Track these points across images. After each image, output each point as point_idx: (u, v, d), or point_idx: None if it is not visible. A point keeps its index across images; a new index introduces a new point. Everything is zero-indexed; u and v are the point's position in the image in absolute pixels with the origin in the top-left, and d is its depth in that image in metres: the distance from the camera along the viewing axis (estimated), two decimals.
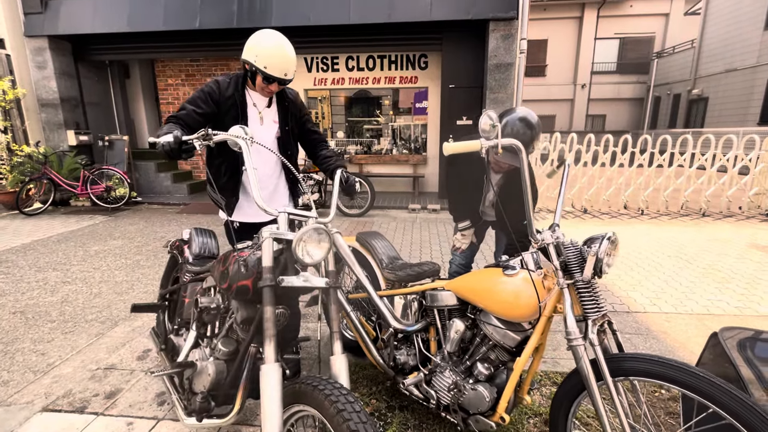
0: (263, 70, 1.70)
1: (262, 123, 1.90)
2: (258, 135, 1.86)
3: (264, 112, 1.91)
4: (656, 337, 2.42)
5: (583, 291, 1.26)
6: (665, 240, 4.50)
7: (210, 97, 1.77)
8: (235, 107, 1.82)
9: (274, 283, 1.22)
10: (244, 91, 1.84)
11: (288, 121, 1.96)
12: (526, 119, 1.70)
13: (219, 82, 1.80)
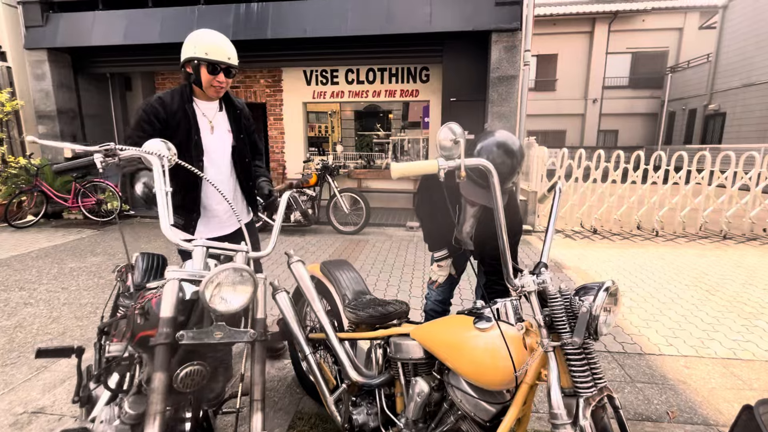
0: (205, 57, 1.61)
1: (212, 132, 1.82)
2: (211, 145, 1.80)
3: (214, 120, 1.83)
4: (674, 388, 2.07)
5: (573, 357, 0.96)
6: (682, 265, 4.11)
7: (156, 117, 1.68)
8: (185, 119, 1.73)
9: (168, 341, 0.95)
10: (191, 102, 1.75)
11: (241, 129, 1.89)
12: (505, 145, 1.36)
13: (162, 98, 1.71)
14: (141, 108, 1.69)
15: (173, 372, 1.06)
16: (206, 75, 1.65)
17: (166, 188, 1.13)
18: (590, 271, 3.95)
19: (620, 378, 2.16)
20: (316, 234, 5.52)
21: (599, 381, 0.96)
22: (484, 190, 1.36)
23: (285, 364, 2.28)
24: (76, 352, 1.56)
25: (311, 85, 7.06)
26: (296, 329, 1.69)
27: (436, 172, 0.96)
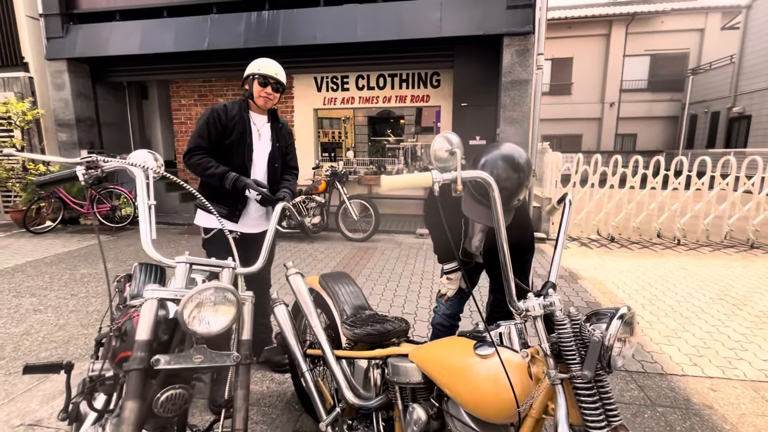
0: (258, 71, 2.02)
1: (260, 138, 2.15)
2: (257, 148, 2.14)
3: (262, 130, 2.17)
4: (699, 414, 1.92)
5: (583, 392, 0.86)
6: (707, 277, 3.90)
7: (218, 122, 2.04)
8: (241, 124, 2.08)
9: (142, 366, 0.89)
10: (247, 112, 2.13)
11: (279, 140, 2.21)
12: (511, 158, 1.25)
13: (225, 105, 2.09)
14: (207, 113, 2.04)
15: (153, 396, 1.00)
16: (257, 87, 2.04)
17: (150, 201, 1.08)
18: (607, 283, 3.78)
19: (639, 401, 2.02)
20: (324, 241, 5.47)
21: (613, 419, 0.86)
22: (485, 208, 1.26)
23: (285, 378, 2.22)
24: (64, 368, 1.52)
25: (322, 92, 7.07)
26: (293, 344, 1.63)
27: (429, 186, 0.88)
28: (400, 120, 8.40)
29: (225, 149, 2.06)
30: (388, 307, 3.18)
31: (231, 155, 2.07)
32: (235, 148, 2.07)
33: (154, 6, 6.14)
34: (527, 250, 1.63)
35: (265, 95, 2.05)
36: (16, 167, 6.45)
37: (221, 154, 2.08)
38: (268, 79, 2.03)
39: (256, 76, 2.02)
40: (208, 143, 2.04)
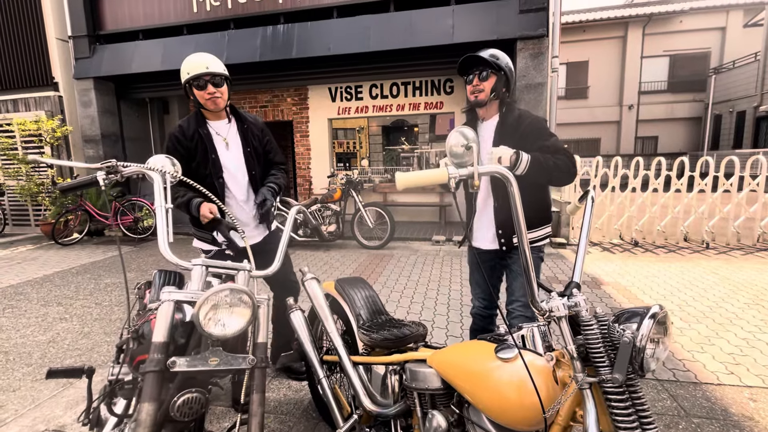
0: (188, 76, 1.75)
1: (228, 148, 1.94)
2: (228, 160, 1.93)
3: (228, 137, 1.94)
4: (738, 425, 1.80)
5: (614, 397, 0.81)
6: (740, 282, 3.71)
7: (178, 143, 1.86)
8: (201, 140, 1.87)
9: (159, 368, 0.89)
10: (204, 124, 1.89)
11: (249, 143, 1.97)
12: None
13: (180, 126, 1.89)
14: (167, 138, 1.90)
15: (170, 399, 1.00)
16: (198, 93, 1.78)
17: (167, 205, 1.10)
18: (632, 288, 3.63)
19: (672, 411, 1.91)
20: (340, 249, 5.48)
21: (648, 427, 0.81)
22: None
23: (302, 386, 2.20)
24: (86, 373, 1.55)
25: (336, 102, 7.15)
26: (310, 351, 1.61)
27: (445, 182, 0.86)
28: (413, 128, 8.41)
29: (193, 173, 1.84)
30: (405, 314, 3.14)
31: (201, 178, 1.85)
32: (202, 169, 1.86)
33: (175, 24, 6.37)
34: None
35: (209, 96, 1.77)
36: (46, 182, 6.73)
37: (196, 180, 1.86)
38: (202, 78, 1.74)
39: (190, 83, 1.76)
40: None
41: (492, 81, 1.68)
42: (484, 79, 1.68)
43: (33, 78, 6.93)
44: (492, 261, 1.87)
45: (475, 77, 1.69)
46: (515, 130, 1.68)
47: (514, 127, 1.69)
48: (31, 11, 6.73)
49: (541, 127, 1.67)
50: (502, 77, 1.69)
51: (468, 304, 3.29)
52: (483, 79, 1.68)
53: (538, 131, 1.66)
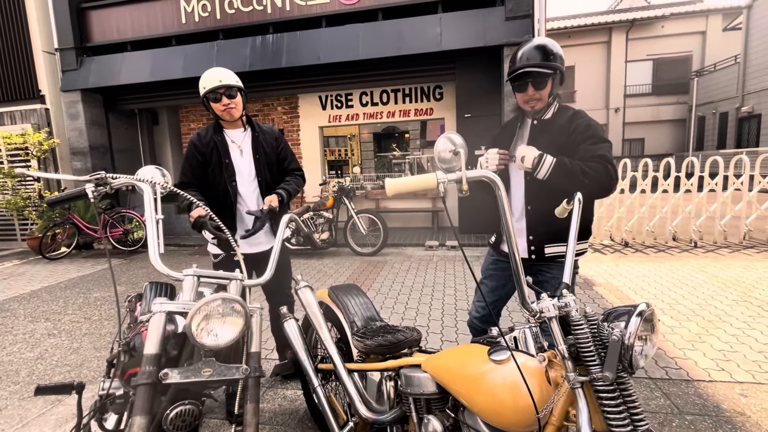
0: (204, 89, 1.89)
1: (242, 155, 2.05)
2: (241, 166, 2.04)
3: (243, 144, 2.06)
4: (731, 421, 1.82)
5: (605, 395, 0.82)
6: (728, 279, 3.77)
7: (196, 149, 1.98)
8: (216, 148, 1.98)
9: (150, 380, 0.88)
10: (221, 132, 2.01)
11: (258, 150, 2.07)
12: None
13: (198, 133, 2.02)
14: (188, 144, 2.01)
15: (163, 412, 0.98)
16: (214, 105, 1.91)
17: (157, 216, 1.09)
18: (624, 288, 3.68)
19: (666, 409, 1.93)
20: (334, 256, 5.46)
21: (639, 423, 0.82)
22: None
23: (298, 395, 2.18)
24: (76, 389, 1.52)
25: (326, 110, 7.18)
26: (304, 359, 1.61)
27: (434, 187, 0.88)
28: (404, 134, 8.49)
29: (209, 177, 2.00)
30: (400, 320, 3.13)
31: (216, 182, 2.00)
32: (217, 174, 1.99)
33: (163, 35, 6.37)
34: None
35: (223, 108, 1.91)
36: (33, 195, 6.62)
37: (208, 184, 2.02)
38: (217, 91, 1.88)
39: (207, 96, 1.90)
40: (191, 177, 1.99)
41: (549, 87, 1.48)
42: (540, 86, 1.47)
43: (19, 91, 6.85)
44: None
45: (528, 86, 1.47)
46: (564, 131, 1.49)
47: (563, 128, 1.50)
48: (17, 23, 6.68)
49: (592, 130, 1.45)
50: (557, 77, 1.49)
51: (462, 309, 3.30)
52: (539, 87, 1.47)
53: (584, 132, 1.44)
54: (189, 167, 1.99)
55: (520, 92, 1.52)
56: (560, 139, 1.49)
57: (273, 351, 2.69)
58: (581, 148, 1.43)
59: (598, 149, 1.40)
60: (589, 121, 1.49)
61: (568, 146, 1.46)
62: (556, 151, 1.45)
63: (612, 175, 1.37)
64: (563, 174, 1.38)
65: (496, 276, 1.77)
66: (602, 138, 1.44)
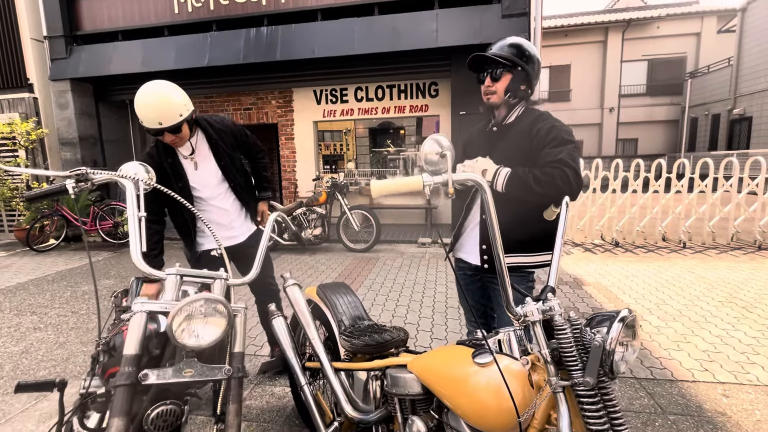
0: (143, 125, 1.70)
1: (196, 168, 1.92)
2: (198, 180, 1.92)
3: (197, 156, 1.91)
4: (712, 421, 1.85)
5: (585, 400, 0.83)
6: (715, 280, 3.83)
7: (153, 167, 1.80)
8: (170, 166, 1.87)
9: (130, 381, 0.87)
10: (170, 151, 1.87)
11: (221, 156, 1.95)
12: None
13: (149, 153, 1.89)
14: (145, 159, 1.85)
15: (144, 412, 0.97)
16: (158, 138, 1.77)
17: (140, 213, 1.08)
18: (612, 288, 3.72)
19: (650, 409, 1.96)
20: (326, 252, 5.45)
21: (619, 428, 0.82)
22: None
23: (285, 392, 2.18)
24: (57, 386, 1.50)
25: (321, 104, 7.13)
26: (292, 357, 1.61)
27: (420, 189, 0.87)
28: (400, 130, 8.45)
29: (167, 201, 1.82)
30: (391, 318, 3.14)
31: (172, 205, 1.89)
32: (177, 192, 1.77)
33: (156, 25, 6.26)
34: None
35: (170, 142, 1.77)
36: (21, 186, 6.51)
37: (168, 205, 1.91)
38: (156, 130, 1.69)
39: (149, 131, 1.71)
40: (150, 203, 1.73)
41: (506, 80, 1.45)
42: (497, 78, 1.46)
43: (6, 79, 6.71)
44: (477, 278, 1.66)
45: (487, 77, 1.48)
46: (525, 135, 1.44)
47: (524, 132, 1.44)
48: (4, 10, 6.52)
49: (554, 132, 1.38)
50: (519, 74, 1.45)
51: (453, 307, 3.32)
52: (495, 79, 1.46)
53: (546, 135, 1.38)
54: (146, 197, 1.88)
55: (481, 83, 1.51)
56: (522, 144, 1.44)
57: (261, 348, 2.68)
58: (543, 152, 1.36)
59: (558, 153, 1.32)
60: (553, 123, 1.42)
61: (530, 151, 1.41)
62: (518, 156, 1.41)
63: (569, 178, 1.28)
64: (516, 185, 1.33)
65: (471, 289, 1.70)
66: (565, 140, 1.37)
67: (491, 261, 1.53)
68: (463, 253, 1.67)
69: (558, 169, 1.28)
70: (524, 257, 1.50)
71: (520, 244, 1.47)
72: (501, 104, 1.49)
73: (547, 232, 1.44)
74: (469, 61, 1.50)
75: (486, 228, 1.50)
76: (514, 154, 1.44)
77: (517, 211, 1.39)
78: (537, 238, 1.47)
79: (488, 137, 1.56)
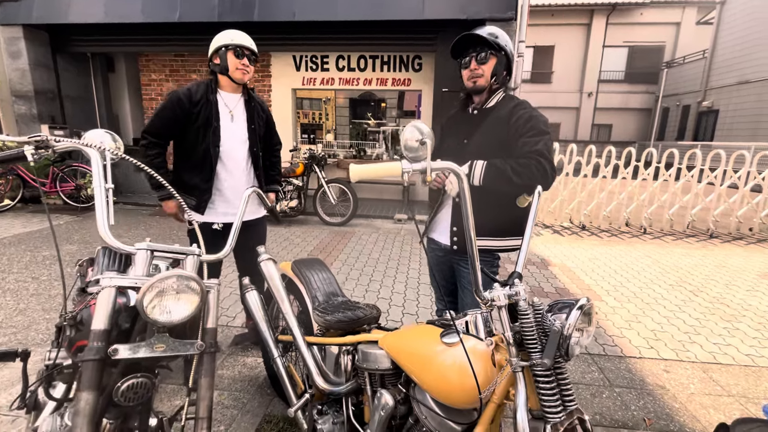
0: (232, 42, 1.87)
1: (232, 120, 2.02)
2: (230, 132, 2.00)
3: (235, 111, 2.03)
4: (651, 394, 2.04)
5: (541, 379, 0.89)
6: (668, 265, 4.10)
7: (179, 105, 1.90)
8: (207, 108, 1.93)
9: (99, 356, 0.86)
10: (215, 93, 1.97)
11: (254, 121, 2.06)
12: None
13: (189, 88, 1.94)
14: (168, 96, 1.92)
15: (113, 385, 0.97)
16: (233, 59, 1.89)
17: (107, 185, 1.03)
18: (576, 270, 3.92)
19: (599, 382, 2.13)
20: (301, 225, 5.42)
21: (569, 404, 0.90)
22: None
23: (258, 362, 2.21)
24: (20, 356, 1.46)
25: (301, 71, 6.86)
26: (265, 330, 1.63)
27: (399, 176, 0.88)
28: (381, 103, 8.30)
29: (190, 136, 1.95)
30: (364, 292, 3.20)
31: (196, 143, 1.96)
32: (201, 135, 1.94)
33: None
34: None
35: (242, 67, 1.92)
36: None
37: (188, 142, 1.98)
38: (244, 50, 1.90)
39: (230, 47, 1.88)
40: (160, 133, 1.95)
41: (492, 63, 1.48)
42: (483, 61, 1.47)
43: None
44: (448, 259, 1.71)
45: (471, 60, 1.48)
46: (504, 122, 1.47)
47: (503, 119, 1.47)
48: None
49: (532, 122, 1.42)
50: (502, 58, 1.49)
51: (425, 283, 3.41)
52: (481, 62, 1.47)
53: (524, 124, 1.41)
54: (162, 122, 1.91)
55: (465, 69, 1.52)
56: (500, 129, 1.47)
57: (234, 319, 2.69)
58: (521, 141, 1.40)
59: (535, 143, 1.37)
60: (531, 113, 1.46)
61: (508, 138, 1.44)
62: (495, 141, 1.45)
63: (546, 169, 1.33)
64: (494, 176, 1.37)
65: (441, 269, 1.76)
66: (542, 131, 1.41)
67: (460, 243, 1.58)
68: (436, 233, 1.72)
69: (534, 160, 1.33)
70: (494, 241, 1.56)
71: (491, 230, 1.52)
72: (486, 89, 1.51)
73: (517, 219, 1.50)
74: (456, 43, 1.50)
75: (457, 211, 1.59)
76: (492, 138, 1.48)
77: (490, 197, 1.44)
78: (507, 224, 1.53)
79: (468, 120, 1.59)
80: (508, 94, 1.54)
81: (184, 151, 2.00)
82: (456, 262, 1.67)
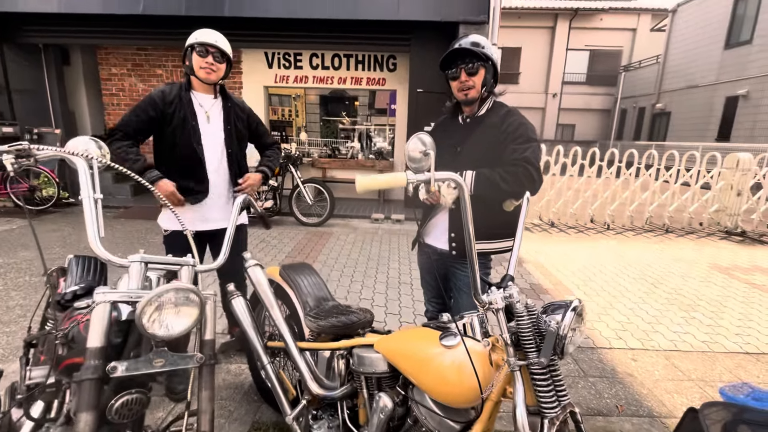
0: (195, 41, 1.85)
1: (209, 121, 1.99)
2: (207, 132, 1.97)
3: (210, 111, 1.99)
4: (622, 381, 2.18)
5: (538, 377, 0.95)
6: (631, 259, 4.37)
7: (153, 105, 1.88)
8: (181, 107, 1.90)
9: (97, 375, 0.83)
10: (189, 93, 1.94)
11: (230, 121, 2.02)
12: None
13: (163, 90, 1.92)
14: (144, 98, 1.90)
15: (107, 402, 0.94)
16: (196, 58, 1.85)
17: (96, 195, 0.99)
18: (549, 266, 4.09)
19: (575, 373, 2.25)
20: (278, 226, 5.33)
21: (563, 399, 0.96)
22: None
23: (242, 369, 2.18)
24: None
25: (273, 69, 6.72)
26: (253, 337, 1.60)
27: (404, 186, 0.90)
28: (354, 101, 8.25)
29: (168, 138, 1.91)
30: (346, 293, 3.21)
31: (176, 143, 1.91)
32: (179, 134, 1.91)
33: None
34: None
35: (206, 66, 1.86)
36: None
37: (166, 144, 1.93)
38: (208, 48, 1.85)
39: (194, 47, 1.85)
40: (131, 130, 1.88)
41: (482, 74, 1.50)
42: (473, 73, 1.49)
43: None
44: (443, 263, 1.73)
45: (461, 72, 1.49)
46: (495, 128, 1.51)
47: (495, 125, 1.51)
48: None
49: (522, 130, 1.47)
50: (490, 68, 1.52)
51: (406, 283, 3.46)
52: (472, 74, 1.49)
53: (515, 131, 1.45)
54: (134, 119, 1.88)
55: (454, 80, 1.53)
56: (493, 136, 1.51)
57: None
58: (510, 147, 1.45)
59: (524, 150, 1.42)
60: (521, 120, 1.51)
61: (499, 145, 1.48)
62: (489, 148, 1.50)
63: (533, 176, 1.39)
64: (485, 184, 1.41)
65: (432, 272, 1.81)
66: (530, 138, 1.47)
67: (459, 248, 1.63)
68: (431, 238, 1.74)
69: (522, 167, 1.39)
70: (485, 244, 1.62)
71: (484, 233, 1.58)
72: (478, 100, 1.55)
73: (505, 222, 1.56)
74: (444, 59, 1.52)
75: (454, 217, 1.63)
76: (485, 145, 1.52)
77: (480, 203, 1.49)
78: (497, 227, 1.59)
79: (459, 129, 1.63)
80: (497, 101, 1.59)
81: (166, 157, 1.94)
82: (453, 266, 1.70)
